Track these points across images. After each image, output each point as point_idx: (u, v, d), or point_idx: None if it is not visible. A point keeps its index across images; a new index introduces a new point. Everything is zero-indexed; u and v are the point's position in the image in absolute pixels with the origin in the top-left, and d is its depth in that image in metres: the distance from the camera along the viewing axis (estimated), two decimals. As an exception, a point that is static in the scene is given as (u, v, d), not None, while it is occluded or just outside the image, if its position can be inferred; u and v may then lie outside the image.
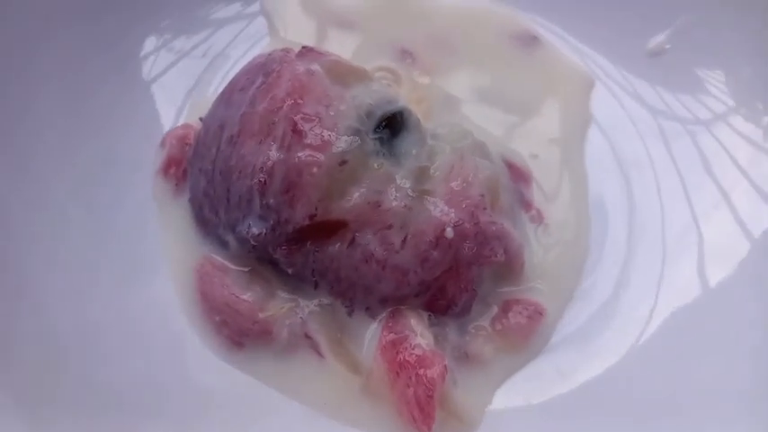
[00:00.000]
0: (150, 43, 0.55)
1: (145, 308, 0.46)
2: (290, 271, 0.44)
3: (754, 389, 0.43)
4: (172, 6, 0.56)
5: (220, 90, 0.49)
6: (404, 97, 0.48)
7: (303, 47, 0.47)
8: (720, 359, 0.44)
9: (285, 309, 0.45)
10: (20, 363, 0.41)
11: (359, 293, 0.44)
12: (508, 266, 0.46)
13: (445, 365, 0.42)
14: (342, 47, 0.55)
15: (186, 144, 0.50)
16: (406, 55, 0.58)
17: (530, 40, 0.60)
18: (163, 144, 0.51)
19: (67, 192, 0.48)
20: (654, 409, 0.43)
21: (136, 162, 0.50)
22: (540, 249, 0.49)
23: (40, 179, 0.48)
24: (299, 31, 0.59)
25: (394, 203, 0.42)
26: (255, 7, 0.60)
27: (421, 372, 0.41)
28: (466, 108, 0.56)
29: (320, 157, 0.41)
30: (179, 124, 0.53)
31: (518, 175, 0.52)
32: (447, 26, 0.60)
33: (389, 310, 0.44)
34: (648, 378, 0.45)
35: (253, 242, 0.43)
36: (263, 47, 0.57)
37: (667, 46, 0.57)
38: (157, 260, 0.48)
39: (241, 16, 0.59)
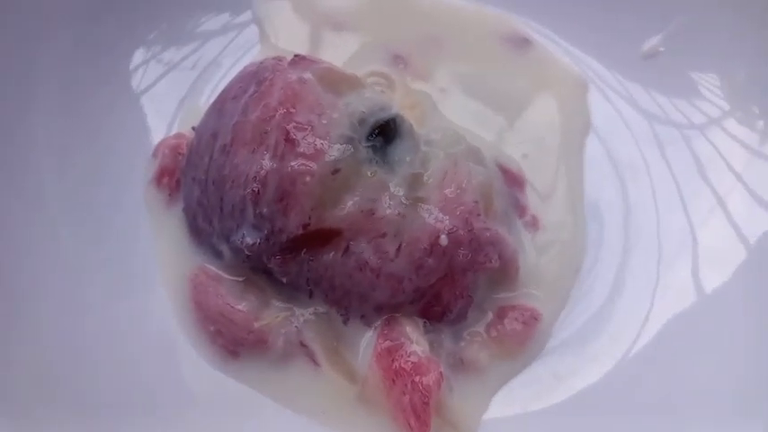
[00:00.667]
0: (140, 55, 0.55)
1: (139, 318, 0.46)
2: (284, 280, 0.44)
3: (749, 390, 0.43)
4: (160, 18, 0.56)
5: (212, 99, 0.49)
6: (396, 103, 0.48)
7: (295, 55, 0.47)
8: (716, 361, 0.45)
9: (280, 318, 0.45)
10: (11, 367, 0.41)
11: (354, 301, 0.44)
12: (503, 272, 0.46)
13: (441, 372, 0.43)
14: (334, 53, 0.55)
15: (179, 154, 0.50)
16: (398, 60, 0.58)
17: (522, 43, 0.60)
18: (155, 154, 0.51)
19: (61, 202, 0.48)
20: (651, 412, 0.44)
21: (129, 173, 0.51)
22: (535, 254, 0.49)
23: (34, 190, 0.48)
24: (290, 38, 0.59)
25: (388, 211, 0.42)
26: (245, 17, 0.60)
27: (417, 379, 0.41)
28: (459, 112, 0.56)
29: (313, 165, 0.41)
30: (171, 134, 0.53)
31: (512, 179, 0.52)
32: (439, 30, 0.60)
33: (385, 317, 0.44)
34: (645, 382, 0.45)
35: (247, 252, 0.43)
36: (254, 55, 0.57)
37: (661, 48, 0.57)
38: (151, 270, 0.48)
39: (231, 26, 0.59)
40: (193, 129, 0.50)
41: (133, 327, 0.46)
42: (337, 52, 0.57)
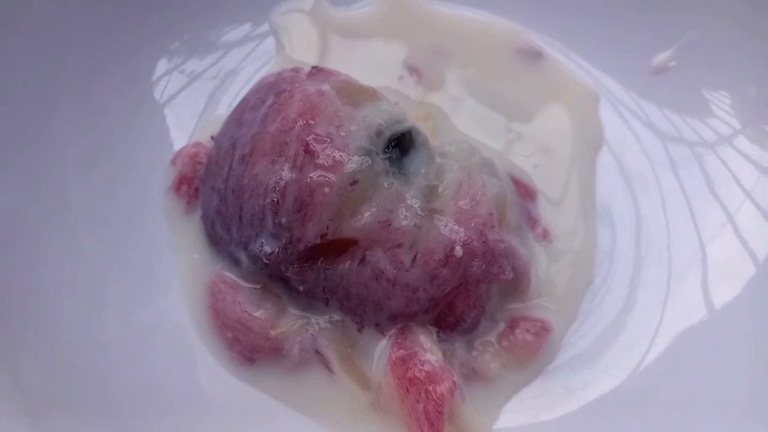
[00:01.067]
0: (162, 65, 0.56)
1: (157, 324, 0.47)
2: (301, 288, 0.45)
3: (759, 400, 0.43)
4: (182, 29, 0.57)
5: (231, 109, 0.50)
6: (411, 115, 0.49)
7: (313, 66, 0.48)
8: (726, 373, 0.45)
9: (296, 326, 0.46)
10: (32, 372, 0.42)
11: (369, 310, 0.45)
12: (515, 283, 0.47)
13: (454, 381, 0.43)
14: (348, 64, 0.56)
15: (198, 162, 0.51)
16: (412, 71, 0.59)
17: (534, 55, 0.61)
18: (174, 162, 0.52)
19: (82, 209, 0.49)
20: (661, 425, 0.44)
21: (150, 180, 0.51)
22: (546, 266, 0.50)
23: (58, 196, 0.48)
24: (306, 49, 0.59)
25: (404, 222, 0.43)
26: (264, 28, 0.60)
27: (430, 387, 0.42)
28: (471, 123, 0.56)
29: (332, 177, 0.42)
30: (190, 142, 0.53)
31: (524, 191, 0.53)
32: (452, 43, 0.61)
33: (399, 326, 0.45)
34: (655, 394, 0.45)
35: (265, 260, 0.44)
36: (272, 66, 0.57)
37: (672, 63, 0.58)
38: (170, 277, 0.49)
39: (250, 37, 0.60)
40: (212, 138, 0.50)
41: (152, 332, 0.46)
42: (351, 64, 0.57)
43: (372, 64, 0.59)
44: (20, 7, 0.49)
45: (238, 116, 0.48)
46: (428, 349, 0.44)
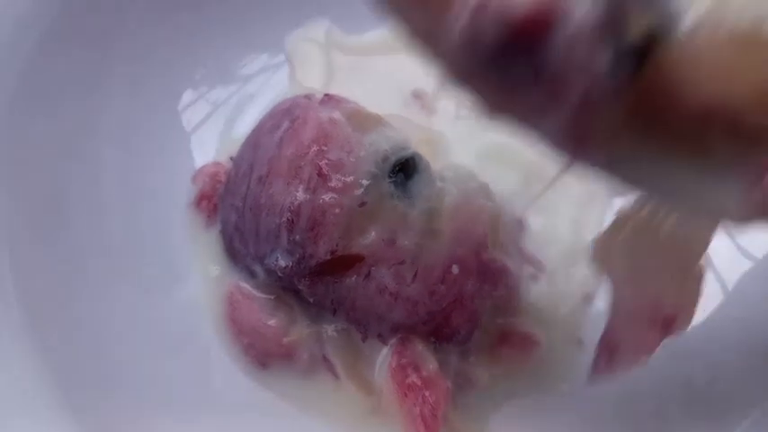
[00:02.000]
0: (188, 93, 0.59)
1: (178, 330, 0.50)
2: (311, 299, 0.47)
3: (733, 397, 0.46)
4: (206, 60, 0.61)
5: (248, 131, 0.53)
6: (414, 141, 0.50)
7: (325, 94, 0.51)
8: (665, 380, 0.48)
9: (306, 334, 0.48)
10: (67, 364, 0.44)
11: (372, 321, 0.47)
12: (507, 300, 0.49)
13: (448, 387, 0.46)
14: (359, 91, 0.56)
15: (217, 181, 0.53)
16: (417, 98, 0.61)
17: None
18: (195, 180, 0.54)
19: (114, 218, 0.52)
20: (647, 426, 0.47)
21: (172, 195, 0.54)
22: (536, 284, 0.52)
23: (93, 207, 0.51)
24: (318, 76, 0.62)
25: (406, 241, 0.45)
26: (281, 58, 0.63)
27: (427, 393, 0.45)
28: (471, 149, 0.58)
29: (342, 199, 0.44)
30: (210, 162, 0.56)
31: (516, 214, 0.55)
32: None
33: (399, 336, 0.47)
34: (639, 400, 0.48)
35: (279, 273, 0.46)
36: (287, 93, 0.60)
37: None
38: (189, 286, 0.51)
39: (267, 66, 0.62)
40: (231, 159, 0.53)
41: (172, 337, 0.49)
42: (361, 90, 0.58)
43: (380, 91, 0.61)
44: (71, 42, 0.52)
45: (255, 140, 0.50)
46: (425, 358, 0.46)
